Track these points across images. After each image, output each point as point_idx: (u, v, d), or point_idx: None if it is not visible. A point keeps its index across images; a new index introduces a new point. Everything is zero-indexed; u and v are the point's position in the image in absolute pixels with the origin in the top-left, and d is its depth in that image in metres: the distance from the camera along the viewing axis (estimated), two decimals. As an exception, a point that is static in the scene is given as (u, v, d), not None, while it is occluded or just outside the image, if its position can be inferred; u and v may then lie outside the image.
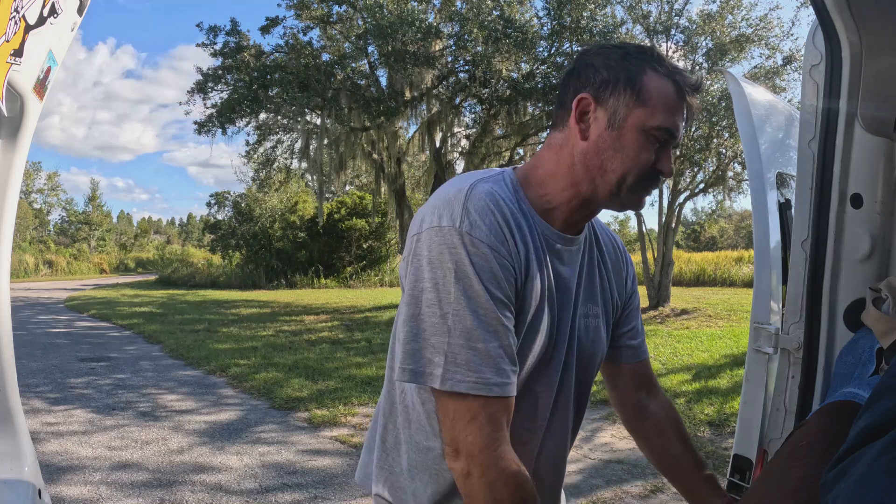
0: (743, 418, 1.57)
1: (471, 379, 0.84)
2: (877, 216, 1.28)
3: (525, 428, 0.99)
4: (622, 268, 1.15)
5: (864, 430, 0.64)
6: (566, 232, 1.00)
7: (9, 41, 0.96)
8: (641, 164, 0.93)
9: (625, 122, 0.92)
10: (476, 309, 0.84)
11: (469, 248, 0.85)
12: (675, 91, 0.94)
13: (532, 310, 0.93)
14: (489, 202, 0.89)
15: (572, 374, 1.03)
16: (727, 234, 44.25)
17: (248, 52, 12.08)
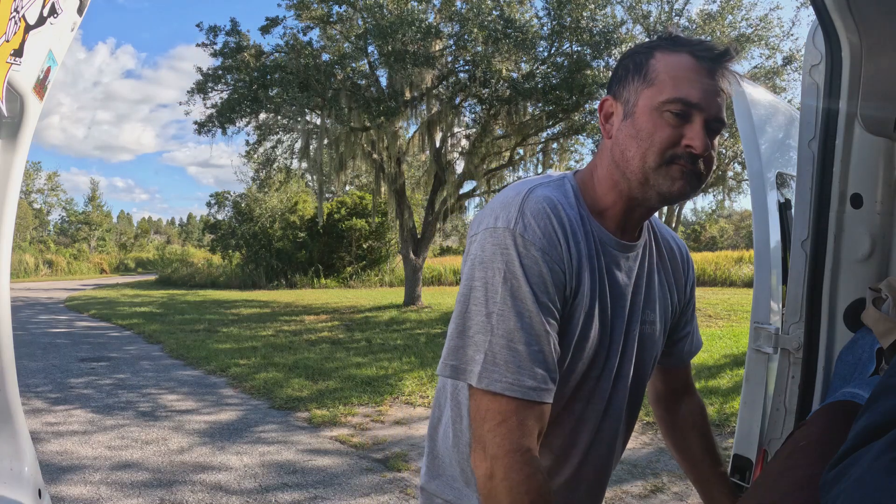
0: (743, 418, 1.57)
1: (507, 380, 0.83)
2: (877, 216, 1.28)
3: (574, 433, 0.99)
4: (682, 273, 1.14)
5: (864, 430, 0.64)
6: (623, 237, 0.99)
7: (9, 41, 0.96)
8: (657, 142, 0.89)
9: (635, 106, 0.92)
10: (521, 311, 0.84)
11: (521, 249, 0.85)
12: (689, 61, 0.91)
13: (583, 316, 0.92)
14: (546, 206, 0.89)
15: (627, 382, 1.03)
16: (727, 234, 44.24)
17: (248, 52, 12.08)
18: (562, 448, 0.99)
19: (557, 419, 0.97)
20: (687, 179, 0.91)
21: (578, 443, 1.00)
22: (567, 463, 1.01)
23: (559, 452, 0.99)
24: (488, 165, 14.07)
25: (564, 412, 0.98)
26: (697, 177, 0.92)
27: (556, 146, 14.18)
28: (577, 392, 0.97)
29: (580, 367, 0.95)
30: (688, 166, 0.90)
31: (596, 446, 1.02)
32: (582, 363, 0.95)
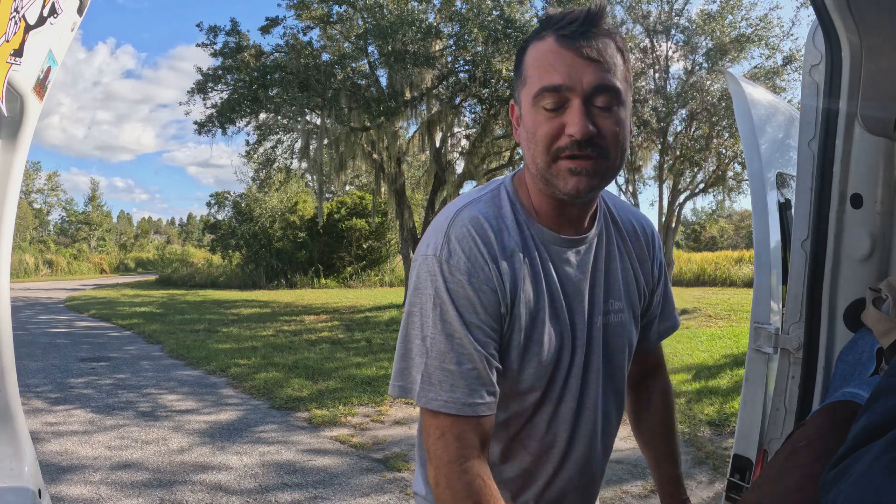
0: (743, 418, 1.57)
1: (442, 398, 0.87)
2: (877, 216, 1.28)
3: (549, 434, 1.01)
4: (648, 253, 1.10)
5: (864, 430, 0.64)
6: (568, 232, 0.98)
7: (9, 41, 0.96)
8: (540, 140, 0.87)
9: (522, 108, 0.92)
10: (450, 333, 0.88)
11: (447, 275, 0.89)
12: (551, 44, 0.86)
13: (533, 322, 0.94)
14: (470, 227, 0.91)
15: (598, 375, 1.02)
16: (727, 234, 44.23)
17: (248, 52, 12.08)
18: (539, 449, 1.01)
19: (530, 422, 0.99)
20: (578, 173, 0.87)
21: (556, 443, 1.01)
22: (547, 463, 1.02)
23: (537, 454, 1.01)
24: (488, 165, 14.07)
25: (536, 414, 0.99)
26: (599, 158, 0.86)
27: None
28: (546, 394, 0.98)
29: (544, 370, 0.96)
30: (575, 158, 0.86)
31: (575, 444, 1.03)
32: (544, 366, 0.96)
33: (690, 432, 4.69)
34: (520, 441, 1.00)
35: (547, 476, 1.02)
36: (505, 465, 1.01)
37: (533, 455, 1.01)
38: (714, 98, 10.83)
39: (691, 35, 11.51)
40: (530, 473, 1.02)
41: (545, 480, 1.03)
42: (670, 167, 12.10)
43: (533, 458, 1.01)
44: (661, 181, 12.28)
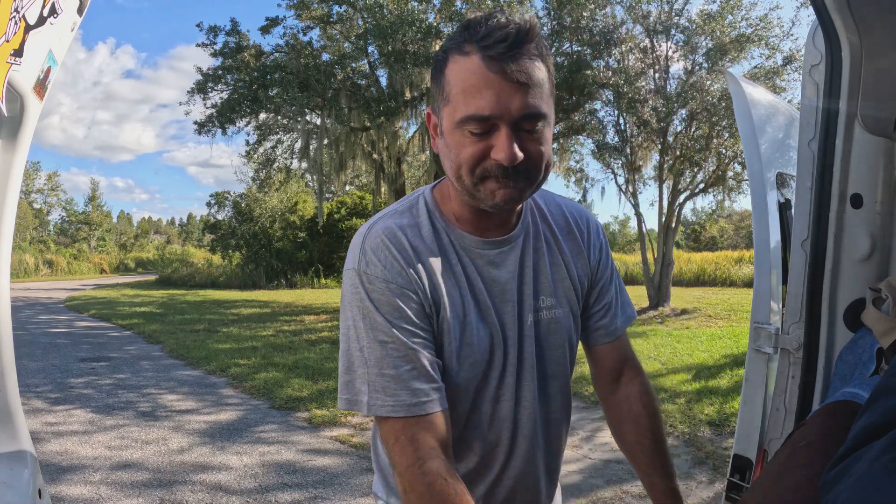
0: (743, 418, 1.57)
1: (389, 403, 0.89)
2: (877, 216, 1.28)
3: (491, 433, 1.02)
4: (582, 245, 1.08)
5: (864, 430, 0.64)
6: (491, 235, 0.99)
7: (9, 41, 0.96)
8: (465, 160, 0.87)
9: (443, 125, 0.90)
10: (382, 339, 0.90)
11: (367, 285, 0.91)
12: (477, 66, 0.83)
13: (458, 326, 0.95)
14: (384, 238, 0.93)
15: (533, 373, 1.03)
16: (727, 234, 44.23)
17: (248, 52, 12.08)
18: (483, 449, 1.03)
19: (470, 422, 1.01)
20: (508, 189, 0.88)
21: (500, 441, 1.02)
22: (493, 461, 1.03)
23: (482, 453, 1.03)
24: (488, 165, 14.06)
25: (474, 415, 1.01)
26: (522, 179, 0.88)
27: (556, 146, 14.19)
28: (481, 394, 1.00)
29: (476, 371, 0.97)
30: (501, 178, 0.87)
31: (518, 442, 1.03)
32: (475, 367, 0.97)
33: (690, 432, 4.69)
34: (464, 441, 1.02)
35: (494, 475, 1.04)
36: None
37: (478, 455, 1.03)
38: (714, 98, 10.82)
39: (691, 35, 11.51)
40: (477, 472, 1.04)
41: (493, 479, 1.04)
42: (670, 167, 12.10)
43: (479, 458, 1.03)
44: (661, 181, 12.28)
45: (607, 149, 11.94)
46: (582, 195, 14.61)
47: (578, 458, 4.24)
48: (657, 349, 8.10)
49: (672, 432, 4.75)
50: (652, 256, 12.56)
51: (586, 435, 4.72)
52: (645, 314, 11.91)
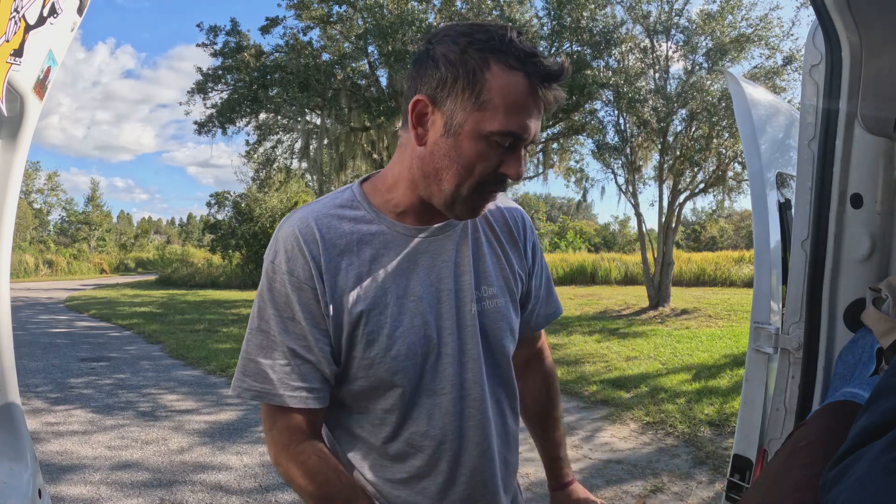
0: (743, 418, 1.57)
1: (255, 388, 0.92)
2: (877, 216, 1.28)
3: (436, 427, 0.98)
4: (519, 238, 1.09)
5: (864, 430, 0.64)
6: (429, 223, 0.99)
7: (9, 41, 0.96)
8: (479, 173, 0.88)
9: (461, 128, 0.86)
10: (266, 330, 0.93)
11: (270, 275, 0.93)
12: (524, 86, 0.85)
13: (371, 317, 0.93)
14: (296, 228, 0.93)
15: (479, 363, 1.00)
16: (727, 234, 44.24)
17: (248, 52, 12.08)
18: (431, 446, 0.98)
19: (409, 418, 0.97)
20: (490, 199, 0.94)
21: (446, 436, 0.98)
22: (441, 458, 0.99)
23: (430, 451, 0.98)
24: (488, 165, 14.06)
25: (412, 410, 0.97)
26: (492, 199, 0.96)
27: (557, 146, 14.19)
28: (417, 386, 0.97)
29: (402, 363, 0.94)
30: (497, 190, 0.92)
31: (469, 434, 1.00)
32: (406, 357, 0.94)
33: (690, 432, 4.69)
34: (406, 440, 0.98)
35: (444, 473, 0.99)
36: (397, 466, 0.99)
37: (425, 453, 0.98)
38: (714, 98, 10.82)
39: (691, 35, 11.51)
40: (427, 471, 0.99)
41: (444, 477, 0.99)
42: (670, 167, 12.10)
43: (426, 456, 0.98)
44: (661, 181, 12.28)
45: (607, 149, 11.94)
46: (582, 195, 14.63)
47: (578, 458, 4.24)
48: (657, 349, 8.10)
49: (672, 432, 4.75)
50: (652, 256, 12.56)
51: (586, 435, 4.72)
52: (645, 314, 11.91)
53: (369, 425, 0.99)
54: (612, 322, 11.05)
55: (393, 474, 0.99)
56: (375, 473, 1.00)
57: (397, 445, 0.98)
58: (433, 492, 1.00)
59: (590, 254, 27.45)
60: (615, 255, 25.26)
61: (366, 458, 1.00)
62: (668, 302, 12.57)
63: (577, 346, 8.52)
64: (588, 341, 8.87)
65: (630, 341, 8.82)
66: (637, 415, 5.18)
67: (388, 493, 1.00)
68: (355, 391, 0.97)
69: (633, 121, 11.51)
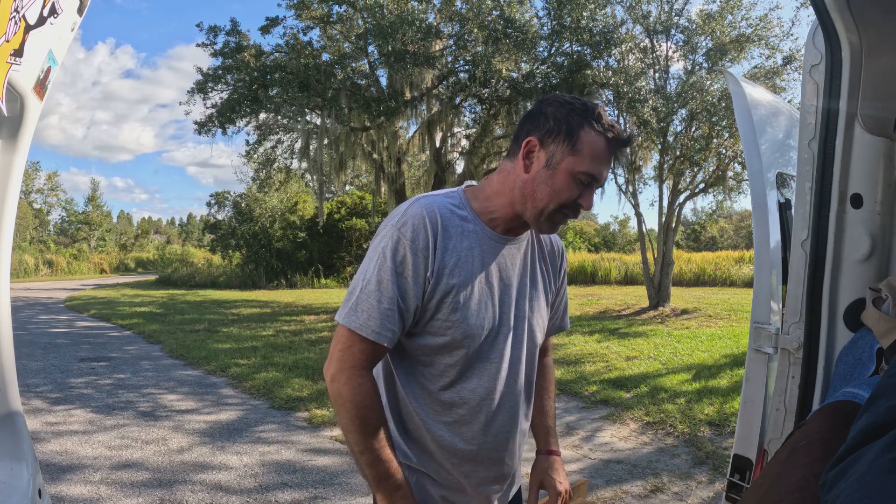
0: (743, 418, 1.57)
1: (360, 321, 1.16)
2: (877, 216, 1.28)
3: (482, 387, 1.25)
4: (557, 261, 1.43)
5: (864, 430, 0.64)
6: (507, 234, 1.28)
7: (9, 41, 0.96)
8: (563, 198, 1.19)
9: (559, 164, 1.19)
10: (381, 279, 1.16)
11: (396, 238, 1.17)
12: (605, 145, 1.19)
13: (458, 290, 1.19)
14: (423, 210, 1.19)
15: (522, 347, 1.31)
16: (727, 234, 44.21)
17: (248, 52, 12.07)
18: (475, 400, 1.25)
19: (464, 375, 1.24)
20: (561, 224, 1.24)
21: (488, 395, 1.26)
22: (481, 412, 1.26)
23: (473, 404, 1.25)
24: (488, 165, 14.05)
25: (469, 368, 1.24)
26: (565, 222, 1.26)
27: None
28: (477, 352, 1.23)
29: (470, 330, 1.21)
30: (572, 216, 1.22)
31: (504, 398, 1.28)
32: (477, 326, 1.22)
33: (690, 432, 4.69)
34: (457, 391, 1.24)
35: (480, 425, 1.26)
36: (445, 411, 1.25)
37: (470, 405, 1.25)
38: (714, 98, 10.82)
39: (691, 35, 11.51)
40: (465, 421, 1.26)
41: (479, 428, 1.26)
42: (670, 167, 12.10)
43: (469, 408, 1.25)
44: (661, 181, 12.28)
45: (607, 149, 11.91)
46: (582, 195, 14.60)
47: (578, 457, 4.24)
48: (657, 349, 8.10)
49: (672, 432, 4.75)
50: (652, 256, 12.56)
51: (586, 435, 4.72)
52: (645, 314, 11.91)
53: (432, 375, 1.24)
54: (613, 322, 11.04)
55: (440, 417, 1.25)
56: (426, 414, 1.25)
57: (449, 395, 1.24)
58: (468, 437, 1.26)
59: (590, 254, 27.43)
60: (615, 255, 25.25)
61: (422, 400, 1.25)
62: (668, 302, 12.56)
63: (578, 346, 8.52)
64: (588, 341, 8.86)
65: (630, 341, 8.82)
66: (637, 415, 5.18)
67: (433, 430, 1.25)
68: (432, 346, 1.22)
69: (633, 121, 11.50)
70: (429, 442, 1.26)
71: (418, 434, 1.27)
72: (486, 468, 1.31)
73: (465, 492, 1.31)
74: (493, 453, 1.30)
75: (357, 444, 1.18)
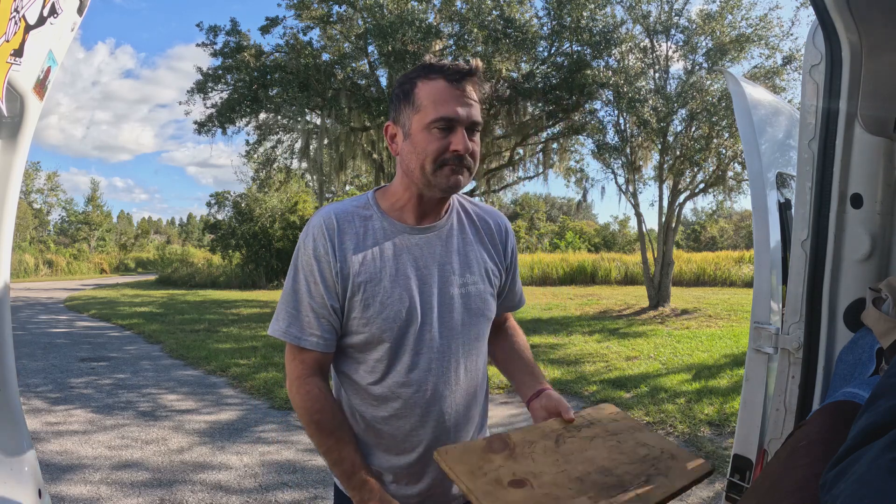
0: (743, 418, 1.57)
1: (281, 328, 1.24)
2: (877, 216, 1.28)
3: (414, 380, 1.24)
4: (501, 238, 1.39)
5: (864, 430, 0.64)
6: (422, 223, 1.28)
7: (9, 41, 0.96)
8: (431, 152, 1.18)
9: (411, 129, 1.20)
10: (296, 289, 1.23)
11: (301, 250, 1.24)
12: (444, 85, 1.18)
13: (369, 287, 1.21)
14: (320, 218, 1.24)
15: (457, 333, 1.28)
16: (727, 234, 44.23)
17: (248, 51, 12.08)
18: (407, 394, 1.24)
19: (392, 369, 1.24)
20: (458, 174, 1.20)
21: (420, 387, 1.24)
22: (416, 404, 1.25)
23: (406, 397, 1.24)
24: (488, 165, 14.06)
25: (396, 362, 1.24)
26: (467, 168, 1.21)
27: (556, 146, 14.18)
28: (401, 344, 1.23)
29: (390, 324, 1.22)
30: (456, 164, 1.19)
31: (440, 388, 1.26)
32: (393, 320, 1.22)
33: (690, 432, 4.69)
34: (388, 386, 1.25)
35: (417, 417, 1.25)
36: (381, 405, 1.26)
37: (402, 399, 1.24)
38: (714, 98, 10.82)
39: (691, 35, 11.51)
40: (402, 414, 1.25)
41: (416, 420, 1.25)
42: (670, 167, 12.10)
43: (402, 401, 1.24)
44: (661, 181, 12.28)
45: (607, 149, 11.94)
46: (582, 195, 14.63)
47: (578, 458, 4.24)
48: (657, 349, 8.10)
49: (672, 432, 4.75)
50: (652, 256, 12.56)
51: (586, 435, 4.72)
52: (645, 314, 11.91)
53: (363, 371, 1.26)
54: (613, 322, 11.04)
55: (376, 412, 1.26)
56: (365, 409, 1.27)
57: (381, 389, 1.25)
58: (406, 430, 1.26)
59: (590, 254, 27.43)
60: (615, 255, 25.26)
61: (358, 396, 1.27)
62: (668, 302, 12.56)
63: (577, 346, 8.52)
64: (588, 341, 8.86)
65: (630, 341, 8.82)
66: (637, 415, 5.18)
67: (374, 426, 1.27)
68: (355, 343, 1.25)
69: (633, 121, 11.50)
70: (372, 437, 1.27)
71: (362, 431, 1.28)
72: (435, 467, 1.25)
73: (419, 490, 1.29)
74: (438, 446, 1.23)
75: (319, 446, 1.24)
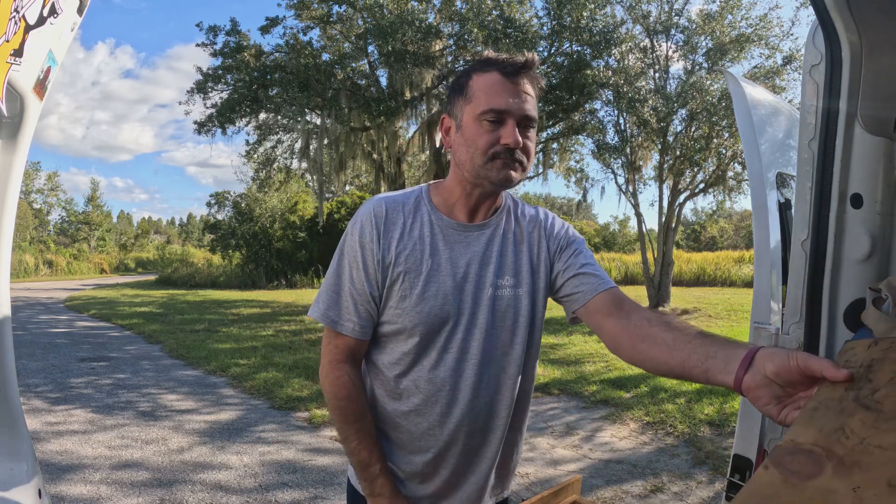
0: (743, 418, 1.57)
1: (321, 311, 1.24)
2: (877, 216, 1.28)
3: (438, 377, 1.22)
4: (544, 236, 1.30)
5: (863, 430, 0.64)
6: (472, 220, 1.26)
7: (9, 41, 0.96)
8: (481, 144, 1.15)
9: (462, 120, 1.19)
10: (339, 273, 1.23)
11: (348, 237, 1.24)
12: (497, 77, 1.16)
13: (409, 280, 1.20)
14: (370, 206, 1.24)
15: (482, 335, 1.23)
16: (727, 234, 44.23)
17: (248, 51, 12.08)
18: (429, 390, 1.23)
19: (418, 363, 1.23)
20: (509, 168, 1.16)
21: (443, 385, 1.22)
22: (437, 402, 1.23)
23: (428, 394, 1.23)
24: (488, 165, 14.05)
25: (423, 357, 1.22)
26: (520, 163, 1.17)
27: (557, 146, 14.18)
28: (431, 340, 1.21)
29: (423, 319, 1.20)
30: (507, 158, 1.15)
31: (462, 389, 1.23)
32: (428, 314, 1.20)
33: (690, 432, 4.69)
34: (412, 380, 1.23)
35: (436, 416, 1.23)
36: (402, 399, 1.24)
37: (424, 395, 1.23)
38: (714, 98, 10.82)
39: (691, 35, 11.51)
40: (421, 411, 1.23)
41: (435, 419, 1.23)
42: (670, 167, 12.10)
43: (424, 398, 1.23)
44: (662, 181, 12.28)
45: (607, 149, 11.94)
46: (582, 195, 14.63)
47: (578, 457, 4.24)
48: (657, 349, 8.09)
49: (672, 432, 4.75)
50: (652, 256, 12.56)
51: (586, 435, 4.72)
52: (645, 314, 11.90)
53: (389, 362, 1.25)
54: (612, 322, 11.03)
55: (397, 405, 1.25)
56: (386, 401, 1.26)
57: (405, 382, 1.24)
58: (423, 427, 1.24)
59: (590, 254, 27.39)
60: (615, 255, 25.26)
61: (382, 387, 1.27)
62: (668, 302, 12.56)
63: (577, 346, 8.52)
64: (588, 341, 8.86)
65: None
66: (637, 415, 5.18)
67: (393, 419, 1.26)
68: (386, 332, 1.24)
69: (633, 121, 11.50)
70: (389, 431, 1.27)
71: (381, 423, 1.27)
72: (448, 469, 1.26)
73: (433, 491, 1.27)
74: (453, 449, 1.25)
75: (340, 432, 1.26)
